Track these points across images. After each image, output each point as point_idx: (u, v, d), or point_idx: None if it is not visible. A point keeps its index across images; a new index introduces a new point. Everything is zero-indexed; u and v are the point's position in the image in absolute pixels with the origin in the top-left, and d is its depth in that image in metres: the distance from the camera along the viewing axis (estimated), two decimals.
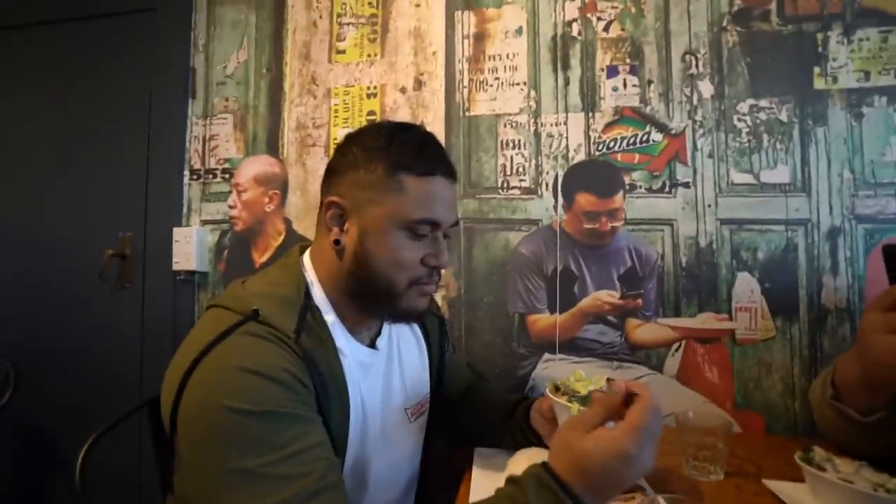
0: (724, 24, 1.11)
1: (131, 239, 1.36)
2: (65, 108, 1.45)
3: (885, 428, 0.73)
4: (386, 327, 0.76)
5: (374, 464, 0.69)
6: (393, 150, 0.64)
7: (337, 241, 0.65)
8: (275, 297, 0.63)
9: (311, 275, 0.68)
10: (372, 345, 0.73)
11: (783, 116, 1.08)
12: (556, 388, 0.70)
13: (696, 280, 1.09)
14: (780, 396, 1.05)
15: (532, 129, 1.18)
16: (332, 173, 0.69)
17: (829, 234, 1.04)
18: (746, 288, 1.07)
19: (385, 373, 0.74)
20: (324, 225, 0.67)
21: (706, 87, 1.11)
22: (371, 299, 0.67)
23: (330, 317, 0.66)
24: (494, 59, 1.21)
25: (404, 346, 0.79)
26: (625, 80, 1.15)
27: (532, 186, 1.17)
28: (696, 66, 1.12)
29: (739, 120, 1.10)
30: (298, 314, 0.62)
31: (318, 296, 0.67)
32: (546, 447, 0.77)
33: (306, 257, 0.71)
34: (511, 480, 0.50)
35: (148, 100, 1.38)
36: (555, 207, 1.16)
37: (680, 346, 1.09)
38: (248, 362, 0.54)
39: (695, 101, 1.12)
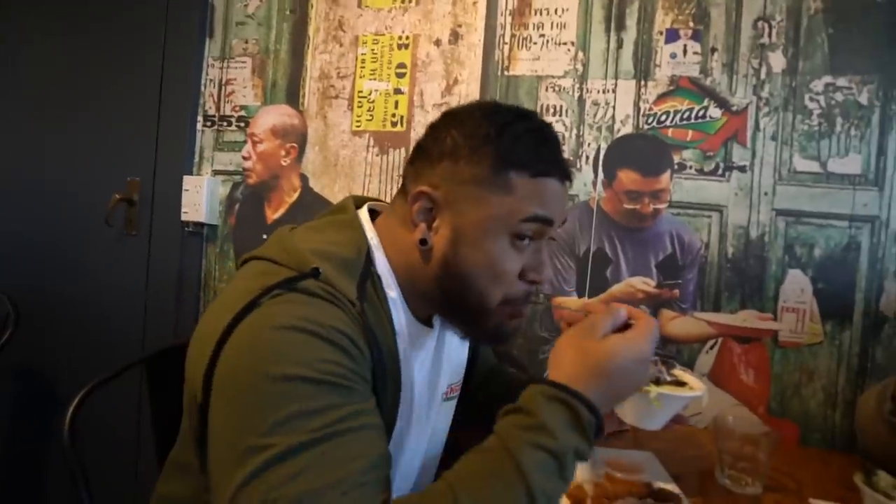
0: None
1: (139, 184, 1.30)
2: (75, 42, 1.36)
3: None
4: None
5: (407, 452, 0.62)
6: (504, 144, 0.53)
7: (423, 241, 0.55)
8: (334, 257, 0.53)
9: (373, 238, 0.58)
10: (428, 321, 0.64)
11: (863, 98, 0.96)
12: None
13: (741, 274, 1.00)
14: (820, 406, 0.97)
15: (576, 95, 1.08)
16: (422, 157, 0.57)
17: None
18: (797, 287, 0.98)
19: (435, 351, 0.66)
20: (407, 216, 0.57)
21: (777, 60, 0.99)
22: (455, 313, 0.58)
23: (392, 292, 0.57)
24: (541, 13, 1.09)
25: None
26: (685, 46, 1.03)
27: (571, 158, 1.07)
28: (769, 34, 0.99)
29: (811, 99, 0.98)
30: (358, 280, 0.53)
31: (381, 263, 0.57)
32: None
33: (364, 215, 0.61)
34: (513, 409, 0.47)
35: (163, 37, 1.29)
36: (594, 183, 1.06)
37: (716, 343, 1.01)
38: (301, 321, 0.46)
39: (762, 76, 1.00)
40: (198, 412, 0.48)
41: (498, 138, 0.54)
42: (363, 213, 0.61)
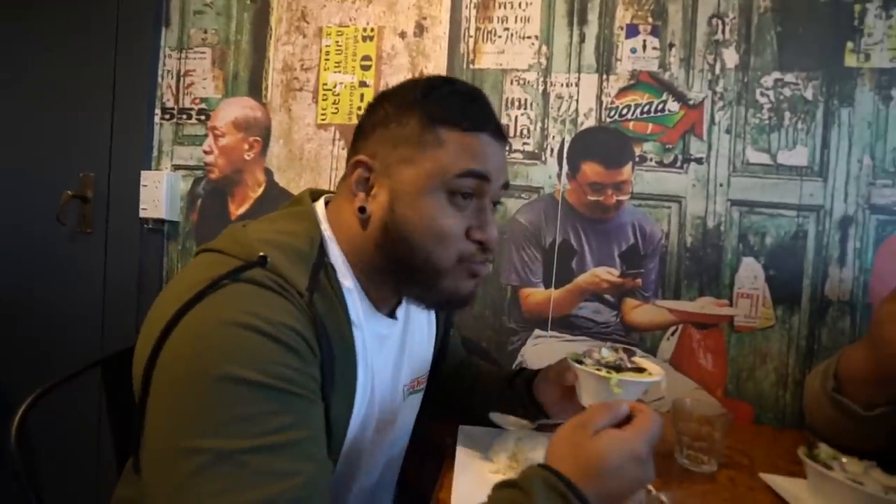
0: None
1: (92, 180, 1.24)
2: (20, 29, 1.29)
3: (886, 424, 0.71)
4: None
5: (370, 446, 0.62)
6: (431, 102, 0.55)
7: (362, 209, 0.56)
8: (285, 246, 0.52)
9: (327, 229, 0.58)
10: (391, 314, 0.64)
11: (808, 94, 1.01)
12: (579, 362, 0.65)
13: (699, 262, 1.04)
14: (773, 387, 1.02)
15: (540, 88, 1.09)
16: (359, 134, 0.60)
17: (841, 222, 1.00)
18: (750, 274, 1.03)
19: (399, 345, 0.66)
20: (348, 190, 0.58)
21: (731, 56, 1.03)
22: (406, 277, 0.57)
23: (347, 281, 0.57)
24: (505, 6, 1.10)
25: (415, 317, 0.71)
26: (645, 41, 1.06)
27: (536, 151, 1.09)
28: (723, 31, 1.03)
29: (762, 94, 1.02)
30: (311, 271, 0.52)
31: (335, 254, 0.57)
32: (547, 418, 0.74)
33: (320, 207, 0.61)
34: (509, 484, 0.44)
35: (115, 24, 1.23)
36: (558, 176, 1.08)
37: (676, 330, 1.05)
38: (249, 317, 0.44)
39: (717, 71, 1.04)
40: (137, 405, 0.46)
41: (424, 99, 0.56)
42: (319, 205, 0.61)
